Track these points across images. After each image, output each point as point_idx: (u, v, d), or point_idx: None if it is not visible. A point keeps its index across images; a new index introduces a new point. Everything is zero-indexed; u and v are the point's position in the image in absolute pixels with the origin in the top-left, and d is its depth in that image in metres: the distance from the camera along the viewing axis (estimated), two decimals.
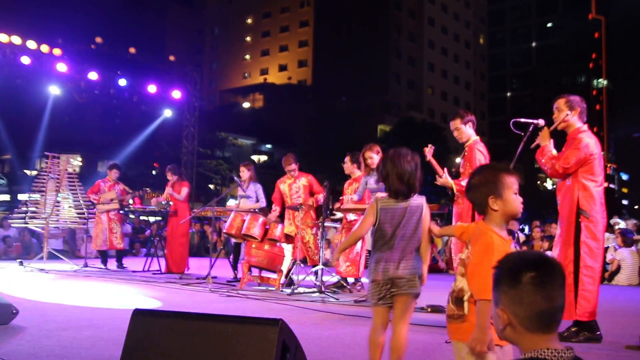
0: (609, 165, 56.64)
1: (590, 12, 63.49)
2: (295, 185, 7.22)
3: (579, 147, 4.00)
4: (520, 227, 13.13)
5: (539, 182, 56.04)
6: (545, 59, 65.66)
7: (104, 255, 9.59)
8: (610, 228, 10.98)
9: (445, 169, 4.74)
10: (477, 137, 4.83)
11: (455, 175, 4.79)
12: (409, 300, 2.60)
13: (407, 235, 2.62)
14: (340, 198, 7.03)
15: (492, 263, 1.43)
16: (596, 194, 4.04)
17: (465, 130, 4.82)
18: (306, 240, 6.99)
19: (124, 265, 9.45)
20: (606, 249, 9.44)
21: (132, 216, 12.85)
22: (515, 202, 2.07)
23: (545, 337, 1.28)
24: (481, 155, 4.68)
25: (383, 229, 2.63)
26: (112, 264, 9.50)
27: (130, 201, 9.93)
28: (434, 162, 4.85)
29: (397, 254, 2.59)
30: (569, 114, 4.15)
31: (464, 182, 4.59)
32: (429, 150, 5.00)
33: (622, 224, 11.28)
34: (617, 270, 9.39)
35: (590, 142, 4.05)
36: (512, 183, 2.06)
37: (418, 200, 2.69)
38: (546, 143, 4.20)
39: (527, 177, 53.48)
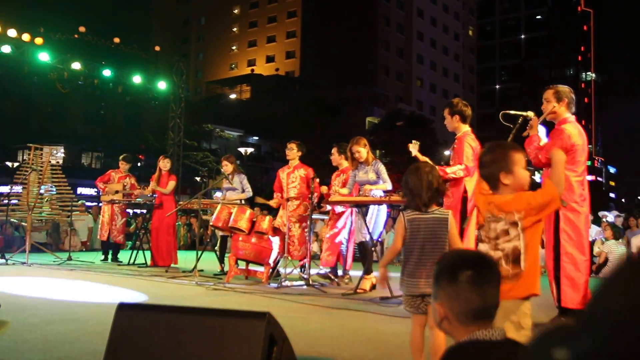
0: (596, 158, 57.31)
1: (579, 5, 63.91)
2: (293, 175, 7.18)
3: (562, 137, 4.05)
4: None
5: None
6: (534, 51, 66.07)
7: (106, 247, 9.47)
8: (598, 221, 11.08)
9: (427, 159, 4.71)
10: (468, 129, 4.78)
11: None
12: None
13: (436, 249, 2.67)
14: (328, 191, 7.01)
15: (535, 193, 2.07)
16: (575, 184, 4.06)
17: (452, 122, 4.78)
18: (292, 234, 6.94)
19: (120, 260, 9.31)
20: (593, 242, 9.52)
21: (129, 211, 12.74)
22: (523, 175, 2.29)
23: (478, 329, 1.35)
24: (469, 148, 4.64)
25: (411, 243, 2.69)
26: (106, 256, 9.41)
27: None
28: (419, 156, 4.80)
29: (425, 268, 2.64)
30: (556, 105, 4.18)
31: (449, 170, 4.57)
32: (413, 146, 4.96)
33: (610, 217, 11.38)
34: (605, 262, 9.48)
35: (573, 132, 4.08)
36: (520, 159, 2.28)
37: (443, 212, 2.75)
38: (535, 133, 4.22)
39: None
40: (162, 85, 15.62)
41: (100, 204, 9.52)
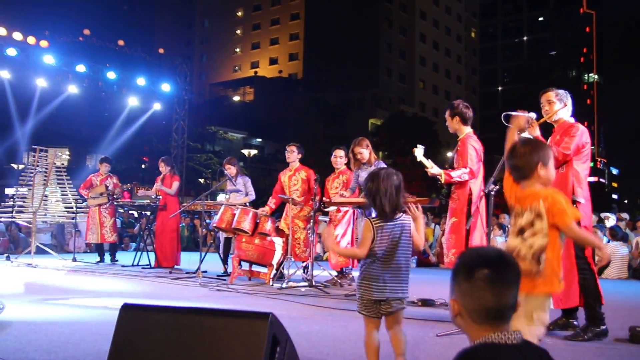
0: (599, 160, 57.17)
1: (582, 7, 63.81)
2: (295, 177, 7.20)
3: (577, 134, 4.02)
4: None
5: None
6: (536, 53, 65.97)
7: (100, 249, 9.52)
8: (600, 221, 11.05)
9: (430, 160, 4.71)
10: (470, 130, 4.78)
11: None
12: (400, 314, 2.75)
13: (401, 254, 2.70)
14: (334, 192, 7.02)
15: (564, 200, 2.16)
16: (585, 181, 4.08)
17: (452, 124, 4.77)
18: (297, 236, 6.96)
19: (116, 259, 9.37)
20: None
21: (120, 210, 12.75)
22: (554, 172, 2.46)
23: (492, 329, 1.34)
24: (473, 150, 4.64)
25: (377, 249, 2.69)
26: (102, 258, 9.43)
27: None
28: (424, 160, 4.78)
29: (390, 274, 2.67)
30: (561, 107, 4.16)
31: (454, 173, 4.57)
32: (418, 151, 4.94)
33: (612, 219, 11.34)
34: (607, 263, 9.46)
35: (585, 130, 4.11)
36: (552, 156, 2.45)
37: (407, 218, 2.77)
38: (538, 134, 4.20)
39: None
40: (166, 87, 15.67)
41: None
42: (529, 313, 2.24)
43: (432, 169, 4.56)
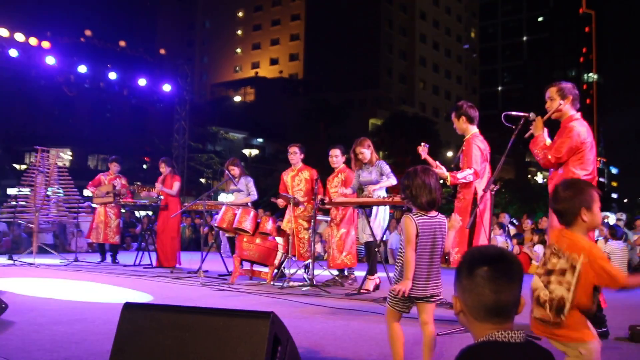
0: (598, 159, 57.10)
1: (581, 7, 63.75)
2: (298, 177, 7.21)
3: (570, 135, 3.94)
4: (511, 220, 13.19)
5: (529, 176, 56.35)
6: (536, 53, 65.92)
7: (102, 249, 9.54)
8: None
9: (438, 162, 4.73)
10: (476, 131, 4.80)
11: (455, 170, 4.79)
12: (433, 306, 2.81)
13: (438, 250, 2.76)
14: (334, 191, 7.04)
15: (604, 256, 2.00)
16: None
17: (459, 124, 4.79)
18: (301, 236, 6.97)
19: (117, 261, 9.38)
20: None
21: (122, 210, 12.78)
22: (599, 215, 2.33)
23: (494, 327, 1.35)
24: (477, 151, 4.66)
25: (421, 244, 2.72)
26: (104, 258, 9.45)
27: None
28: (429, 159, 4.81)
29: (431, 270, 2.73)
30: (562, 102, 4.09)
31: (459, 175, 4.59)
32: (422, 149, 4.95)
33: (612, 218, 11.35)
34: None
35: (581, 130, 3.99)
36: (597, 198, 2.31)
37: (443, 218, 2.82)
38: (539, 133, 4.16)
39: (518, 170, 53.77)
40: (167, 87, 15.68)
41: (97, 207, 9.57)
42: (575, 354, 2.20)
43: (438, 168, 4.58)
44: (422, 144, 4.96)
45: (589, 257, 2.17)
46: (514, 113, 4.44)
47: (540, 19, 67.95)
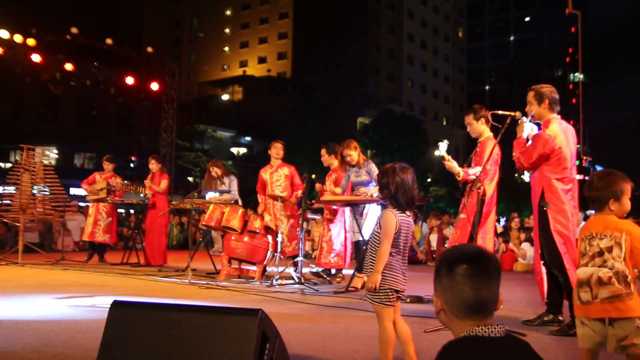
0: (584, 158, 57.74)
1: (567, 7, 64.35)
2: (277, 174, 7.24)
3: (541, 142, 4.04)
4: (497, 218, 13.31)
5: (516, 175, 56.76)
6: (523, 52, 66.42)
7: (91, 246, 9.44)
8: (586, 219, 11.19)
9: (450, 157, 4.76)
10: (491, 134, 4.86)
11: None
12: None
13: (407, 248, 2.83)
14: (322, 187, 7.08)
15: None
16: (560, 191, 4.04)
17: (477, 126, 4.86)
18: (281, 231, 7.00)
19: (104, 260, 9.30)
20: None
21: (120, 210, 12.72)
22: (628, 206, 2.52)
23: (474, 323, 1.37)
24: (491, 153, 4.71)
25: (399, 241, 2.75)
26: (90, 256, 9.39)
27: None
28: (446, 157, 4.76)
29: (404, 266, 2.79)
30: (537, 108, 4.21)
31: (470, 171, 4.64)
32: (443, 145, 4.93)
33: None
34: None
35: (556, 135, 4.05)
36: (628, 190, 2.52)
37: (409, 216, 2.87)
38: (520, 135, 4.27)
39: (505, 169, 54.19)
40: (154, 86, 15.60)
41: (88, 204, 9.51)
42: (621, 339, 2.28)
43: (451, 163, 4.65)
44: (444, 140, 5.01)
45: (630, 235, 2.38)
46: (500, 112, 4.50)
47: (527, 18, 68.47)
